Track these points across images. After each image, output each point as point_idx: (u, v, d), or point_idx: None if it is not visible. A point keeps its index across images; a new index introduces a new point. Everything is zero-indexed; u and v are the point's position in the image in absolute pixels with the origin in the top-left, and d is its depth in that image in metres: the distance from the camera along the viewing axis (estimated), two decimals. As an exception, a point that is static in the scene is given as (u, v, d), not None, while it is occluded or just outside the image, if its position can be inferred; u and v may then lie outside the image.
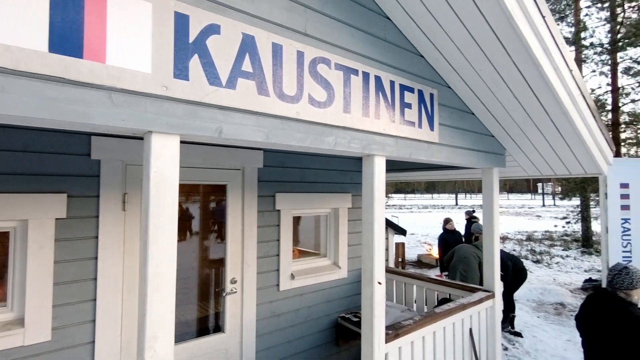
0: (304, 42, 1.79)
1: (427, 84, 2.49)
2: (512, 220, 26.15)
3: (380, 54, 2.18)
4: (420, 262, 10.67)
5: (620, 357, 2.13)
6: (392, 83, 2.21)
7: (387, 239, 5.09)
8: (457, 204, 45.19)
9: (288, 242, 3.48)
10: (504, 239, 15.55)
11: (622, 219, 6.05)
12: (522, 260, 6.76)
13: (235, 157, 3.09)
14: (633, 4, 9.30)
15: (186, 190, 3.03)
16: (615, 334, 2.15)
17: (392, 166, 3.97)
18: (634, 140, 11.24)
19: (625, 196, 6.08)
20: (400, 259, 8.47)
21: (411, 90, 2.34)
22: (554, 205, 38.81)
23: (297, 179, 3.62)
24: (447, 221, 7.09)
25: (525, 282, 8.44)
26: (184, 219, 3.03)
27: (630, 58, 9.87)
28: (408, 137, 2.30)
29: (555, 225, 15.29)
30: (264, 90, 1.60)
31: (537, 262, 10.80)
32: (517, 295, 7.59)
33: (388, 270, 4.16)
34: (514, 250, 12.61)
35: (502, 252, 5.93)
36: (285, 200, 3.46)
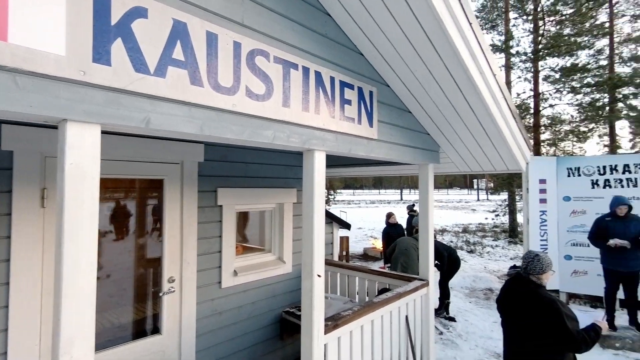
0: (241, 33, 1.75)
1: (366, 81, 2.57)
2: (451, 213, 28.02)
3: (321, 49, 2.20)
4: (366, 255, 11.04)
5: (531, 335, 2.38)
6: (332, 79, 2.25)
7: (331, 233, 5.20)
8: (402, 199, 47.34)
9: (231, 238, 3.40)
10: (442, 231, 16.62)
11: (540, 211, 6.76)
12: (456, 250, 7.28)
13: (173, 150, 2.95)
14: (552, 18, 10.42)
15: (119, 185, 2.83)
16: (527, 314, 2.39)
17: (335, 162, 4.06)
18: (552, 141, 12.63)
19: (543, 191, 6.80)
20: (344, 253, 8.72)
21: (351, 87, 2.40)
22: (487, 199, 42.26)
23: (240, 173, 3.55)
24: (389, 215, 7.41)
25: (460, 270, 9.08)
26: (118, 215, 2.84)
27: (550, 67, 11.09)
28: (348, 133, 2.36)
29: (486, 218, 16.66)
30: (197, 80, 1.55)
31: (471, 252, 11.69)
32: (452, 283, 8.15)
33: (333, 264, 4.26)
34: (451, 241, 13.53)
35: (439, 243, 6.33)
36: (228, 196, 3.38)
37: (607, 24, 13.86)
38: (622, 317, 5.27)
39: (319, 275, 2.15)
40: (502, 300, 2.63)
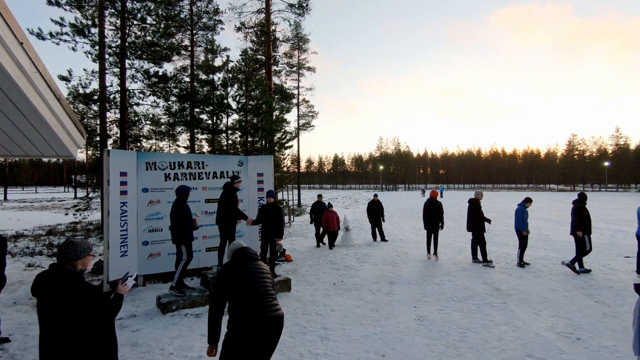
0: None
1: None
2: (37, 215, 23.38)
3: None
4: None
5: (64, 320, 2.29)
6: None
7: None
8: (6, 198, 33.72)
9: None
10: (18, 236, 13.41)
11: (121, 203, 6.99)
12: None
13: None
14: (136, 23, 11.11)
15: None
16: (57, 301, 2.29)
17: None
18: (143, 138, 13.60)
19: (124, 183, 7.08)
20: None
21: None
22: (87, 197, 39.05)
23: None
24: None
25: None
26: None
27: (136, 68, 11.79)
28: None
29: (67, 214, 14.99)
30: None
31: (52, 255, 10.21)
32: (18, 296, 6.73)
33: None
34: (28, 247, 11.19)
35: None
36: None
37: (189, 48, 16.86)
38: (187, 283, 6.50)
39: None
40: (34, 291, 2.38)
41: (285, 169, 15.12)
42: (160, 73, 12.22)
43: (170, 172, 7.73)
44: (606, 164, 68.47)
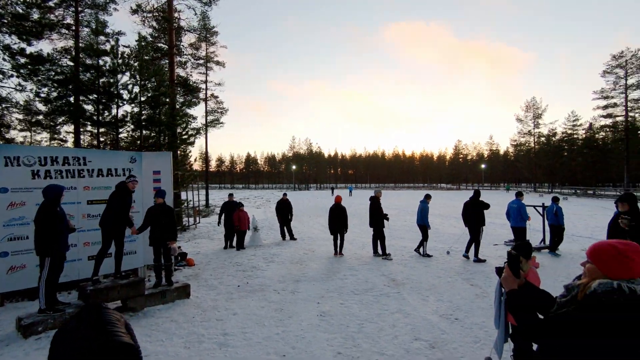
0: None
1: None
2: None
3: None
4: None
5: None
6: None
7: None
8: None
9: None
10: None
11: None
12: None
13: None
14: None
15: None
16: None
17: None
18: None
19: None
20: None
21: None
22: None
23: None
24: None
25: None
26: None
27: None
28: None
29: None
30: None
31: None
32: None
33: None
34: None
35: None
36: None
37: (73, 27, 14.58)
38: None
39: None
40: None
41: (188, 167, 14.09)
42: (28, 52, 10.19)
43: (40, 169, 6.52)
44: (483, 166, 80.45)
